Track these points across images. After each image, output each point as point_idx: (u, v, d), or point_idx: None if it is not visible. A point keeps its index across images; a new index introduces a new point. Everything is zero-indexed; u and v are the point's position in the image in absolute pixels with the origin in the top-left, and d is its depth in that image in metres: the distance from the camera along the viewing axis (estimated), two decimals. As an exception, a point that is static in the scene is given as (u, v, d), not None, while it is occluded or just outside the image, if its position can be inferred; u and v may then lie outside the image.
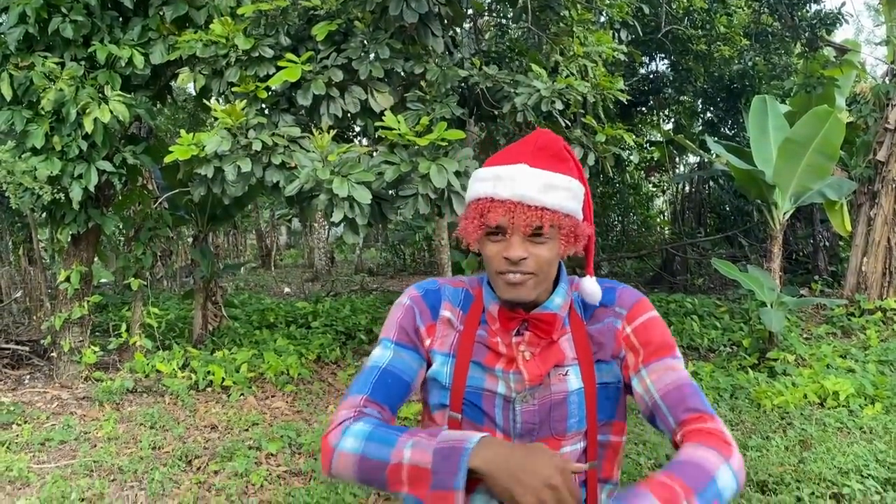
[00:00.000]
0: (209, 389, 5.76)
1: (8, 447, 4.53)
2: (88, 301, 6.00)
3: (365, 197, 4.33)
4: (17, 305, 7.78)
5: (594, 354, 1.39)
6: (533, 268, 1.30)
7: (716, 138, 9.11)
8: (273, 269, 15.18)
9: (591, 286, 1.41)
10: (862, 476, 4.00)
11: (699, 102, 13.07)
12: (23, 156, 5.07)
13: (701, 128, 13.12)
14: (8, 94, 5.02)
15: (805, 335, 7.60)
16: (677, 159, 14.22)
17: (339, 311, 8.67)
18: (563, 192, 1.31)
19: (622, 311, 1.40)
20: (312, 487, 3.94)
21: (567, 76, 5.16)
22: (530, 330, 1.38)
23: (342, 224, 4.47)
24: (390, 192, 4.73)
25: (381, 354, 1.41)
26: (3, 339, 6.83)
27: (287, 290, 12.36)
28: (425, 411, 1.50)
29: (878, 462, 4.15)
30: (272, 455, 4.47)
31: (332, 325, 7.95)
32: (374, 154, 4.71)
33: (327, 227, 13.68)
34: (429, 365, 1.43)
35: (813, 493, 3.80)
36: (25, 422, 5.00)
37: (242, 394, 5.64)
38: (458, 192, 4.52)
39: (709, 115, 13.15)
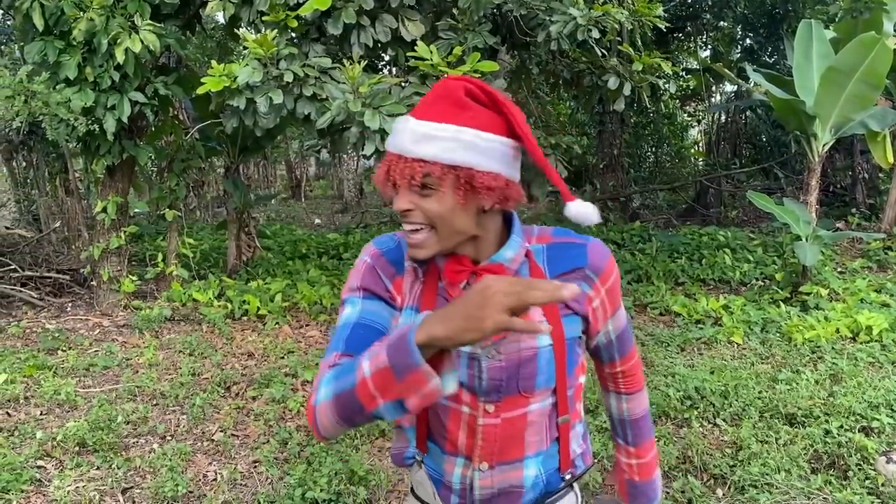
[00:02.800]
0: (245, 318, 5.90)
1: (55, 372, 4.72)
2: (125, 231, 6.11)
3: (396, 129, 4.28)
4: (55, 235, 7.95)
5: (560, 310, 1.34)
6: (421, 219, 1.24)
7: (755, 66, 8.79)
8: (303, 200, 15.24)
9: (578, 208, 1.31)
10: (892, 410, 4.01)
11: (738, 28, 12.61)
12: (57, 87, 5.10)
13: (739, 55, 12.69)
14: (40, 25, 5.00)
15: (839, 269, 7.51)
16: (713, 88, 13.82)
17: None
18: (444, 143, 1.22)
19: (593, 276, 1.36)
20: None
21: (604, 3, 4.99)
22: None
23: (373, 157, 4.45)
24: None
25: (349, 312, 1.34)
26: (44, 268, 7.01)
27: (317, 221, 12.45)
28: None
29: (910, 397, 4.15)
30: (308, 382, 4.60)
31: (363, 257, 8.01)
32: (405, 85, 4.65)
33: (356, 158, 13.64)
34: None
35: (842, 427, 3.82)
36: (70, 348, 5.18)
37: (277, 323, 5.77)
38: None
39: (748, 41, 12.68)
